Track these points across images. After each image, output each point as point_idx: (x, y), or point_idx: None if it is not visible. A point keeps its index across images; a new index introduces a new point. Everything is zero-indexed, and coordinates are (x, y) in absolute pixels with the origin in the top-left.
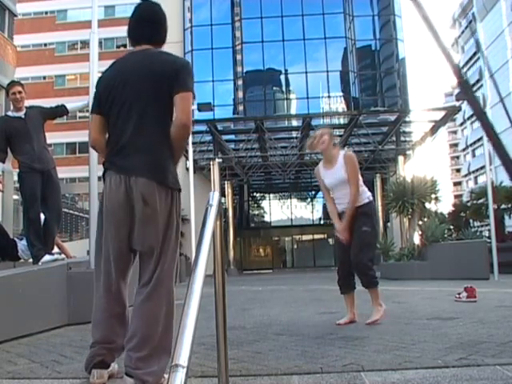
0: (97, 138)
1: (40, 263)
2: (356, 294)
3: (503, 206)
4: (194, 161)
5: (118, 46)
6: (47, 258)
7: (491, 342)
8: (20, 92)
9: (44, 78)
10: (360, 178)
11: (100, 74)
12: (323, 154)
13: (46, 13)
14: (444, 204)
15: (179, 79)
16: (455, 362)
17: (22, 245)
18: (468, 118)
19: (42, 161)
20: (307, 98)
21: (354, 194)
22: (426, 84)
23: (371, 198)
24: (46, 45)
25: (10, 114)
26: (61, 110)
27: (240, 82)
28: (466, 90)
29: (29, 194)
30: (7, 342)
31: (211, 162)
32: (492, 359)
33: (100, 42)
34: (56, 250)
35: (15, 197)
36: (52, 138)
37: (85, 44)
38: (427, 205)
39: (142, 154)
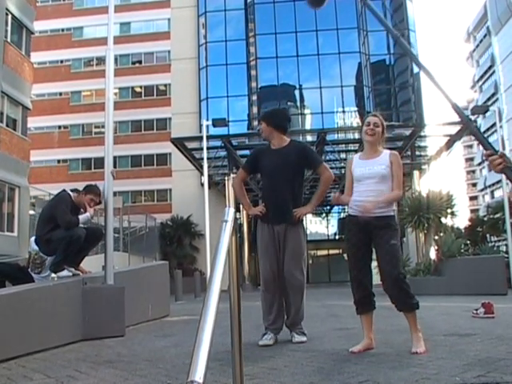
0: None
1: (56, 278)
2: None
3: None
4: (209, 176)
5: (133, 63)
6: (64, 273)
7: (510, 359)
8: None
9: (60, 94)
10: None
11: (116, 91)
12: (367, 145)
13: (63, 30)
14: (460, 219)
15: None
16: (473, 379)
17: (39, 277)
18: (484, 132)
19: None
20: (322, 113)
21: (398, 194)
22: (441, 98)
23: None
24: (62, 61)
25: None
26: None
27: (255, 98)
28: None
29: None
30: (23, 356)
31: (226, 178)
32: (511, 377)
33: (115, 59)
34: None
35: (31, 212)
36: (67, 153)
37: (100, 60)
38: (443, 220)
39: None
